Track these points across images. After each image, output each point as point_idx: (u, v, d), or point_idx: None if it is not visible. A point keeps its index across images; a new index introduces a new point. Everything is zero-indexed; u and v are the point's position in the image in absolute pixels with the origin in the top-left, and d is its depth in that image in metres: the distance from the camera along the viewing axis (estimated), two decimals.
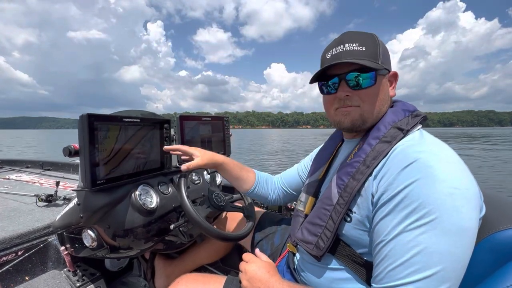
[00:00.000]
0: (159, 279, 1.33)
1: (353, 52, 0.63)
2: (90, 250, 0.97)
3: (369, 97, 0.65)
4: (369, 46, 0.64)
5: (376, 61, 0.63)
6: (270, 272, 0.71)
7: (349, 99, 0.66)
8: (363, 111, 0.66)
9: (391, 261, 0.51)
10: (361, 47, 0.63)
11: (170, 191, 1.10)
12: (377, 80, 0.64)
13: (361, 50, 0.63)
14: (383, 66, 0.64)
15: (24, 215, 1.23)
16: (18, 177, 2.12)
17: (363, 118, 0.66)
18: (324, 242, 0.65)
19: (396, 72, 0.68)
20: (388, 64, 0.67)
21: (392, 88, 0.70)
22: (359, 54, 0.63)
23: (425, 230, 0.48)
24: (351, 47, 0.64)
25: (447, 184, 0.49)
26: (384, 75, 0.66)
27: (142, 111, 1.13)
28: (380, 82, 0.66)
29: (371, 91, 0.65)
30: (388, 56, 0.68)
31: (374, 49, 0.64)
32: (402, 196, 0.51)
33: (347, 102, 0.67)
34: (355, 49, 0.63)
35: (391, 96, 0.70)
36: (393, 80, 0.70)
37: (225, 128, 1.45)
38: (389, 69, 0.68)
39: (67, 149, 0.85)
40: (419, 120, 0.64)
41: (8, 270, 1.01)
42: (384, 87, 0.67)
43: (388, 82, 0.69)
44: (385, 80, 0.67)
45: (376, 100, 0.65)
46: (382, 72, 0.65)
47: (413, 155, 0.54)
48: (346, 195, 0.62)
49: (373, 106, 0.65)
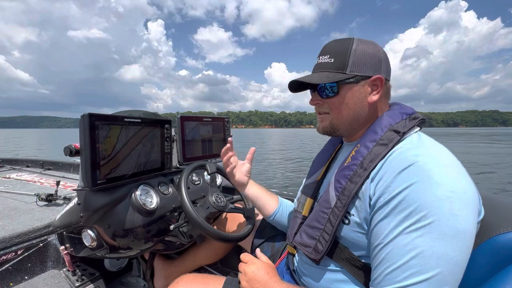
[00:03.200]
0: (158, 280, 1.33)
1: (323, 65, 0.69)
2: (90, 250, 0.97)
3: (334, 106, 0.70)
4: (338, 56, 0.67)
5: (342, 71, 0.66)
6: (269, 273, 0.71)
7: (320, 106, 0.74)
8: (332, 118, 0.71)
9: (389, 264, 0.51)
10: (330, 59, 0.68)
11: (170, 192, 1.10)
12: (341, 89, 0.67)
13: (329, 62, 0.68)
14: (353, 74, 0.65)
15: (24, 214, 1.24)
16: (19, 176, 2.12)
17: (332, 126, 0.72)
18: (323, 245, 0.65)
19: (380, 77, 0.66)
20: (365, 70, 0.65)
21: (376, 93, 0.67)
22: (327, 66, 0.68)
23: (422, 233, 0.49)
24: (323, 59, 0.69)
25: (444, 188, 0.49)
26: (357, 83, 0.66)
27: (144, 111, 1.13)
28: (347, 91, 0.67)
29: (336, 100, 0.69)
30: (369, 61, 0.66)
31: (342, 59, 0.66)
32: (399, 199, 0.52)
33: (318, 109, 0.75)
34: (325, 61, 0.69)
35: (372, 101, 0.67)
36: (379, 85, 0.67)
37: (226, 128, 1.45)
38: (368, 75, 0.66)
39: (68, 148, 0.85)
40: (416, 123, 0.64)
41: (8, 269, 1.01)
42: (354, 94, 0.67)
43: (371, 87, 0.67)
44: (357, 88, 0.66)
45: (342, 108, 0.69)
46: (350, 81, 0.66)
47: (410, 158, 0.54)
48: (344, 198, 0.62)
49: (340, 114, 0.69)
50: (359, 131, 0.72)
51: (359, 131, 0.72)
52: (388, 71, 0.69)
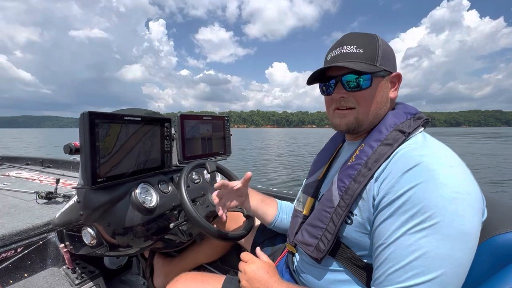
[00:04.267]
0: (158, 278, 1.33)
1: (351, 55, 0.64)
2: (90, 248, 0.96)
3: (364, 99, 0.66)
4: (368, 48, 0.64)
5: (373, 63, 0.64)
6: (269, 272, 0.71)
7: (344, 100, 0.67)
8: (358, 113, 0.67)
9: (391, 264, 0.51)
10: (359, 50, 0.64)
11: (170, 190, 1.10)
12: (373, 82, 0.64)
13: (358, 53, 0.64)
14: (382, 68, 0.64)
15: (23, 212, 1.23)
16: (18, 174, 2.12)
17: (358, 121, 0.67)
18: (325, 244, 0.65)
19: (400, 74, 0.67)
20: (389, 65, 0.66)
21: (394, 89, 0.69)
22: (356, 57, 0.64)
23: (426, 234, 0.48)
24: (349, 49, 0.65)
25: (449, 189, 0.49)
26: (383, 77, 0.66)
27: (144, 110, 1.13)
28: (378, 84, 0.65)
29: (366, 93, 0.65)
30: (391, 57, 0.67)
31: (373, 51, 0.64)
32: (403, 200, 0.51)
33: (342, 103, 0.68)
34: (353, 52, 0.64)
35: (392, 98, 0.69)
36: (396, 82, 0.69)
37: (226, 127, 1.45)
38: (391, 71, 0.67)
39: (68, 146, 0.85)
40: (421, 123, 0.63)
41: (7, 267, 1.01)
42: (382, 89, 0.66)
43: (390, 84, 0.68)
44: (384, 82, 0.66)
45: (371, 102, 0.65)
46: (380, 74, 0.65)
47: (415, 158, 0.53)
48: (347, 198, 0.62)
49: (368, 108, 0.66)
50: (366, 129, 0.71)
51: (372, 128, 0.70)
52: None
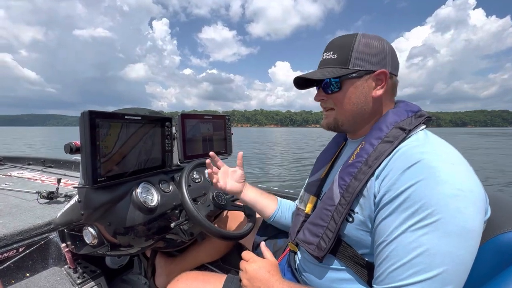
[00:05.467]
0: (159, 277, 1.33)
1: (327, 61, 0.70)
2: (91, 248, 0.96)
3: (338, 101, 0.70)
4: (341, 52, 0.67)
5: (345, 67, 0.66)
6: (270, 271, 0.71)
7: (324, 102, 0.74)
8: (336, 114, 0.72)
9: (393, 261, 0.51)
10: (334, 55, 0.68)
11: (171, 189, 1.10)
12: (344, 84, 0.68)
13: (332, 58, 0.69)
14: (356, 69, 0.65)
15: (25, 212, 1.24)
16: (20, 174, 2.13)
17: (336, 121, 0.72)
18: (326, 243, 0.65)
19: (384, 71, 0.65)
20: (369, 64, 0.65)
21: (381, 87, 0.66)
22: (330, 62, 0.69)
23: (427, 231, 0.48)
24: (327, 55, 0.70)
25: (451, 186, 0.48)
26: (360, 77, 0.66)
27: (145, 109, 1.12)
28: (350, 86, 0.67)
29: (339, 95, 0.69)
30: (374, 55, 0.65)
31: (345, 55, 0.66)
32: (404, 197, 0.51)
33: (323, 105, 0.75)
34: (328, 58, 0.70)
35: (376, 96, 0.67)
36: (383, 79, 0.66)
37: (227, 126, 1.44)
38: (372, 69, 0.65)
39: (68, 146, 0.85)
40: (422, 120, 0.63)
41: (9, 266, 1.01)
42: (357, 89, 0.66)
43: (375, 82, 0.66)
44: (360, 83, 0.66)
45: (346, 103, 0.69)
46: (352, 76, 0.66)
47: (416, 155, 0.53)
48: (348, 196, 0.62)
49: (344, 109, 0.70)
50: (364, 128, 0.72)
51: (364, 127, 0.72)
52: (394, 65, 0.68)
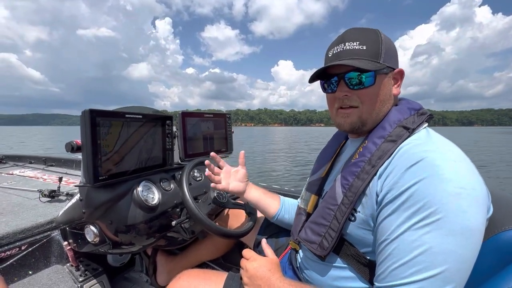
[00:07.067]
0: (160, 275, 1.34)
1: (354, 51, 0.62)
2: (93, 246, 0.97)
3: (368, 97, 0.64)
4: (371, 44, 0.63)
5: (377, 60, 0.62)
6: (271, 270, 0.71)
7: (348, 98, 0.66)
8: (361, 112, 0.65)
9: (395, 260, 0.51)
10: (362, 46, 0.62)
11: (172, 188, 1.10)
12: (377, 79, 0.63)
13: (361, 49, 0.62)
14: (385, 64, 0.63)
15: (27, 210, 1.24)
16: (22, 173, 2.14)
17: (362, 120, 0.66)
18: (328, 242, 0.65)
19: (402, 70, 0.67)
20: (392, 62, 0.65)
21: (397, 86, 0.68)
22: (360, 54, 0.62)
23: (430, 229, 0.48)
24: (351, 45, 0.63)
25: (454, 184, 0.48)
26: (386, 74, 0.65)
27: (146, 108, 1.12)
28: (381, 82, 0.64)
29: (370, 91, 0.64)
30: (394, 53, 0.66)
31: (376, 48, 0.62)
32: (407, 195, 0.51)
33: (346, 102, 0.66)
34: (356, 48, 0.62)
35: (395, 95, 0.68)
36: (399, 78, 0.68)
37: (227, 125, 1.44)
38: (394, 67, 0.66)
39: (70, 144, 0.85)
40: (425, 119, 0.63)
41: (12, 264, 1.02)
42: (386, 86, 0.65)
43: (393, 80, 0.67)
44: (387, 79, 0.65)
45: (375, 100, 0.64)
46: (384, 71, 0.64)
47: (419, 154, 0.53)
48: (351, 195, 0.62)
49: (372, 106, 0.65)
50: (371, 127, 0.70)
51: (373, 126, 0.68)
52: None
